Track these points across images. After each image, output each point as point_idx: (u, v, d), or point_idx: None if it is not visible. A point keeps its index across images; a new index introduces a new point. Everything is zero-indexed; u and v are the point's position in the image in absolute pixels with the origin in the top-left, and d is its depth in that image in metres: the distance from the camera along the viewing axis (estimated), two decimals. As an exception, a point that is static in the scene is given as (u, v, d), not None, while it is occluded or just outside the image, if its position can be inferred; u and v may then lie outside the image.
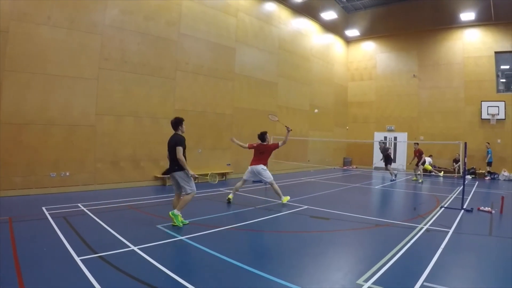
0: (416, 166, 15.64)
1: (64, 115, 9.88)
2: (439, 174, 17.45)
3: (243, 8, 15.58)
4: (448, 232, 6.47)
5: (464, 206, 8.81)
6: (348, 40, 24.11)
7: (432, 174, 17.45)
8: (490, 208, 8.60)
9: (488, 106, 18.16)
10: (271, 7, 17.34)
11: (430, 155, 18.14)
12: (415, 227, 6.80)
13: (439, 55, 20.42)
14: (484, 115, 18.33)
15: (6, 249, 4.80)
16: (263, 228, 6.94)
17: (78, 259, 4.50)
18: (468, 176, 17.36)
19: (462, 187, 9.25)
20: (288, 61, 18.43)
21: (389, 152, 16.43)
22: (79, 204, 8.07)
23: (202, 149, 13.49)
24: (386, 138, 21.81)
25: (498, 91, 18.66)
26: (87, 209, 7.68)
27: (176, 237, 5.76)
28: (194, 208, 6.47)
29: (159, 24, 12.13)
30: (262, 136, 9.22)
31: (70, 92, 9.97)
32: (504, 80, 18.86)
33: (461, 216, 7.96)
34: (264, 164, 9.06)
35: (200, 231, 6.16)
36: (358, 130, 23.52)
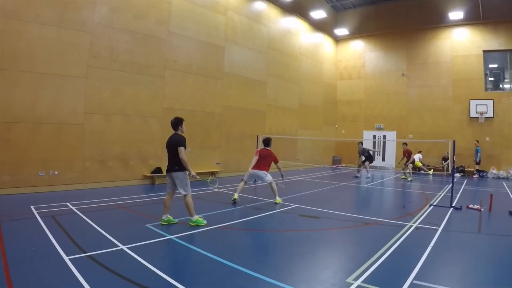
0: (405, 165, 15.77)
1: (53, 113, 9.76)
2: (429, 172, 17.65)
3: (232, 6, 15.52)
4: (437, 230, 6.53)
5: (453, 204, 8.92)
6: (337, 39, 24.17)
7: (421, 173, 17.61)
8: (479, 206, 8.70)
9: (476, 105, 18.38)
10: (260, 6, 17.32)
11: (420, 151, 18.26)
12: (404, 225, 6.85)
13: (428, 54, 20.59)
14: (473, 114, 18.54)
15: (-7, 249, 4.73)
16: (253, 227, 6.94)
17: (67, 258, 4.46)
18: (457, 174, 17.58)
19: (451, 185, 9.34)
20: (277, 60, 18.42)
21: (369, 152, 16.62)
22: (68, 203, 7.99)
23: (191, 148, 13.40)
24: (375, 137, 21.95)
25: (487, 89, 18.93)
26: (76, 208, 7.60)
27: (165, 236, 5.73)
28: (183, 207, 6.43)
29: (148, 23, 12.02)
30: (267, 141, 9.35)
31: (58, 90, 9.85)
32: (492, 79, 19.14)
33: (450, 214, 8.04)
34: (266, 170, 9.09)
35: (189, 230, 6.14)
36: (347, 128, 23.64)
